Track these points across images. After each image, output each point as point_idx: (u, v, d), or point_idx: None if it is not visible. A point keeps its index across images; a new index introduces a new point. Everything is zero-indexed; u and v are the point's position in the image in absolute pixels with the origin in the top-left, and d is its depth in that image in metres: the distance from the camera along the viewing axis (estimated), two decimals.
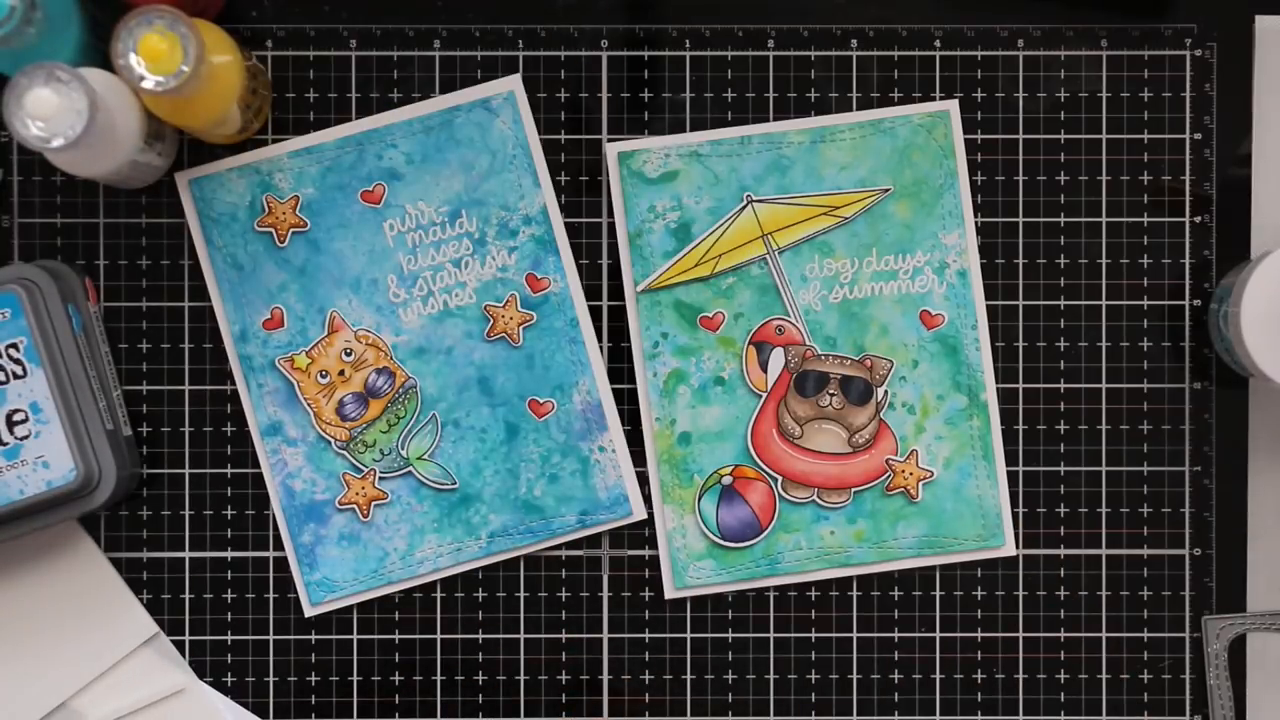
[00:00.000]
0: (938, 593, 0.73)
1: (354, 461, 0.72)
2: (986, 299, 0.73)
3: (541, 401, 0.73)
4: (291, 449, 0.72)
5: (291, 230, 0.72)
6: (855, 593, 0.73)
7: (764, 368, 0.73)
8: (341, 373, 0.72)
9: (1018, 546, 0.73)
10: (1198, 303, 0.74)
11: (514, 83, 0.73)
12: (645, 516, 0.73)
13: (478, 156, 0.72)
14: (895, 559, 0.73)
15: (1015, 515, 0.73)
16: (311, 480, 0.72)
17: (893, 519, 0.73)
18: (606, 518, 0.73)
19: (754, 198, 0.73)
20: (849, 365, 0.73)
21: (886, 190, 0.73)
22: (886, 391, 0.73)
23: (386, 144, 0.72)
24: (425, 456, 0.72)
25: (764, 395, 0.73)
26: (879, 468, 0.73)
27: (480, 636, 0.74)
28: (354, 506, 0.72)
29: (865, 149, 0.73)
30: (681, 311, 0.73)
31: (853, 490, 0.73)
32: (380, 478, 0.72)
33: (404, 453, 0.72)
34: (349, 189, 0.72)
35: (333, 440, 0.72)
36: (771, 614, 0.73)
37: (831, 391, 0.73)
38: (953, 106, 0.73)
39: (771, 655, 0.74)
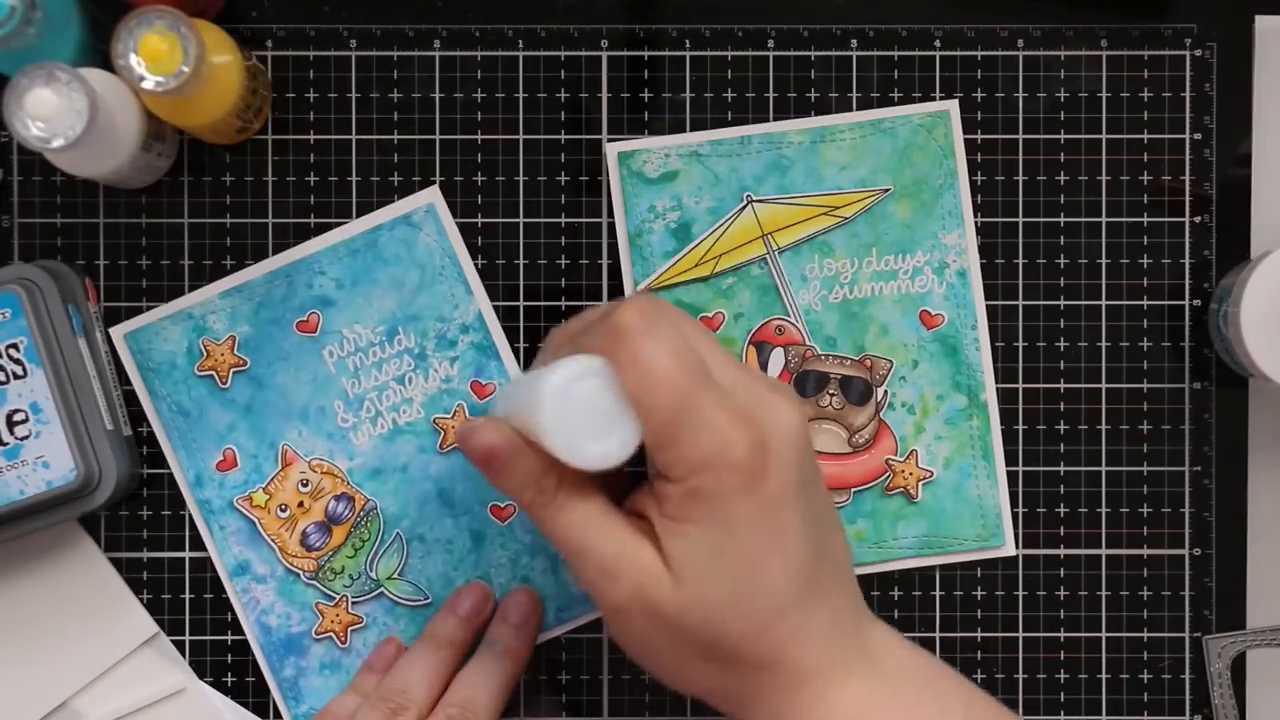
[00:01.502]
0: (938, 593, 0.73)
1: (325, 590, 0.72)
2: (986, 299, 0.73)
3: (503, 505, 0.72)
4: (261, 586, 0.72)
5: (233, 370, 0.72)
6: None
7: (764, 368, 0.73)
8: (301, 504, 0.72)
9: (1018, 546, 0.74)
10: (1198, 303, 0.74)
11: (433, 194, 0.72)
12: None
13: (406, 272, 0.72)
14: (895, 559, 0.73)
15: (1015, 515, 0.73)
16: (285, 614, 0.72)
17: (892, 519, 0.73)
18: (581, 611, 0.73)
19: (754, 198, 0.73)
20: (849, 365, 0.73)
21: (886, 190, 0.73)
22: (886, 391, 0.73)
23: (315, 272, 0.72)
24: (395, 575, 0.72)
25: None
26: (879, 468, 0.73)
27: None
28: (331, 634, 0.72)
29: (865, 149, 0.73)
30: None
31: (852, 490, 0.73)
32: (353, 602, 0.72)
33: (373, 575, 0.72)
34: (284, 321, 0.72)
35: (301, 572, 0.72)
36: None
37: (831, 391, 0.73)
38: (953, 107, 0.73)
39: None
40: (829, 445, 0.73)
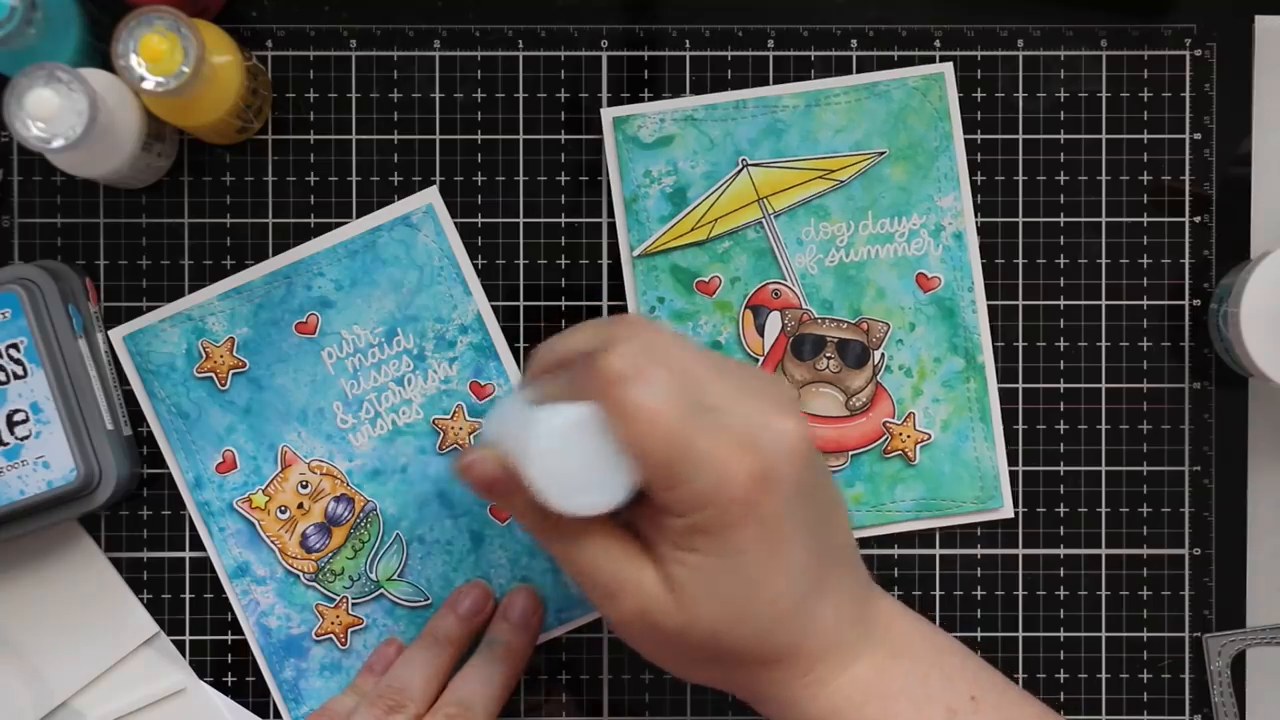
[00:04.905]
0: (937, 592, 0.73)
1: (325, 592, 0.72)
2: (986, 279, 0.73)
3: None
4: (261, 588, 0.72)
5: (232, 372, 0.72)
6: None
7: (761, 332, 0.73)
8: (300, 505, 0.72)
9: (1016, 508, 0.73)
10: (1198, 303, 0.74)
11: (431, 195, 0.72)
12: None
13: (405, 273, 0.72)
14: (893, 522, 0.73)
15: (1013, 475, 0.73)
16: (285, 616, 0.72)
17: (890, 482, 0.73)
18: (581, 611, 0.73)
19: (749, 162, 0.73)
20: (846, 328, 0.73)
21: (882, 153, 0.73)
22: (883, 354, 0.73)
23: (314, 273, 0.72)
24: (395, 577, 0.72)
25: (761, 359, 0.73)
26: (876, 430, 0.73)
27: None
28: (331, 636, 0.72)
29: (860, 112, 0.73)
30: (678, 276, 0.73)
31: (850, 453, 0.73)
32: (353, 604, 0.72)
33: (373, 576, 0.72)
34: (283, 323, 0.72)
35: (301, 574, 0.72)
36: None
37: (828, 355, 0.73)
38: (947, 69, 0.73)
39: None
40: (826, 409, 0.73)
